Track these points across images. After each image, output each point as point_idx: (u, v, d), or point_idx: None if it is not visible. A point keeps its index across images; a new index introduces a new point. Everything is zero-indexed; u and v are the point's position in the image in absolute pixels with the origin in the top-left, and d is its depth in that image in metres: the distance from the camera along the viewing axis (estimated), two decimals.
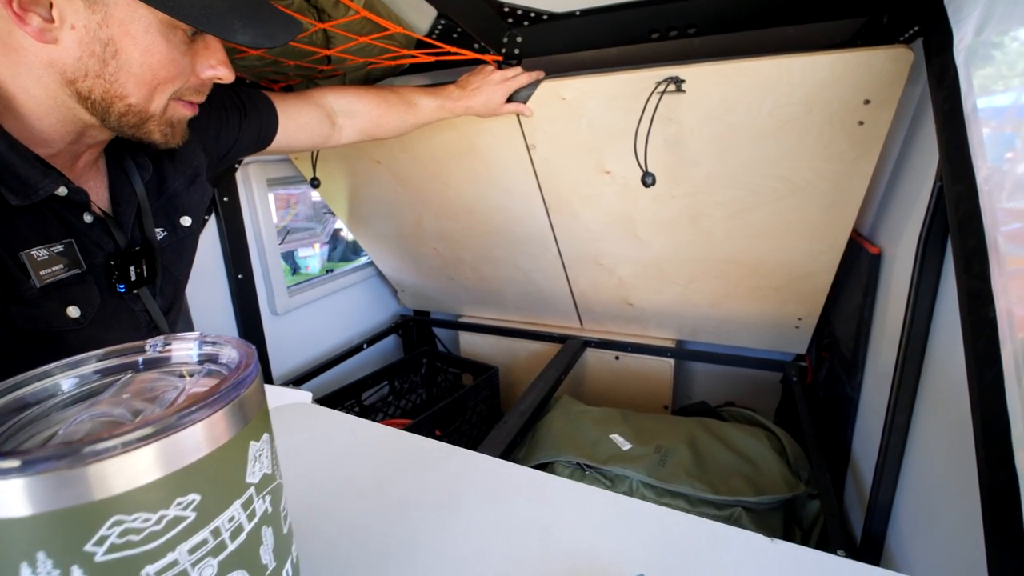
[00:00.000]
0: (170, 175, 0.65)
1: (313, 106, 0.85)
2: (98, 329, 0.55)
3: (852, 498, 0.99)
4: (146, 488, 0.16)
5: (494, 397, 1.57)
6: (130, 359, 0.21)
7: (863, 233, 1.07)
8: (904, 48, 0.75)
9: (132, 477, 0.16)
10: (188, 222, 0.68)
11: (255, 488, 0.19)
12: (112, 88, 0.49)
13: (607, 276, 1.39)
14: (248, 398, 0.19)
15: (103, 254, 0.57)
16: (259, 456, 0.19)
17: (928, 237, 0.69)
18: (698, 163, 1.01)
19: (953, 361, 0.62)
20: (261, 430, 0.20)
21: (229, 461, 0.18)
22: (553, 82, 0.97)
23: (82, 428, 0.18)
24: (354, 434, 0.40)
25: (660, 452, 1.07)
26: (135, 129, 0.53)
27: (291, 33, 0.53)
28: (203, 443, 0.17)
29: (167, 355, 0.22)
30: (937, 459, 0.67)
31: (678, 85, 0.89)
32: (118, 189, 0.60)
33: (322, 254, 4.90)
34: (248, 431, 0.19)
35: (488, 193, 1.28)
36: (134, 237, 0.61)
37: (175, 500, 0.17)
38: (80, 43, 0.46)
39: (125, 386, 0.20)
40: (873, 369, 0.95)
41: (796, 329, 1.32)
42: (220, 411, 0.18)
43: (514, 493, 0.32)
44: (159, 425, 0.16)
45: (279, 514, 0.21)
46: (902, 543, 0.76)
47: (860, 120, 0.85)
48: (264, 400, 0.21)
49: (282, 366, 1.48)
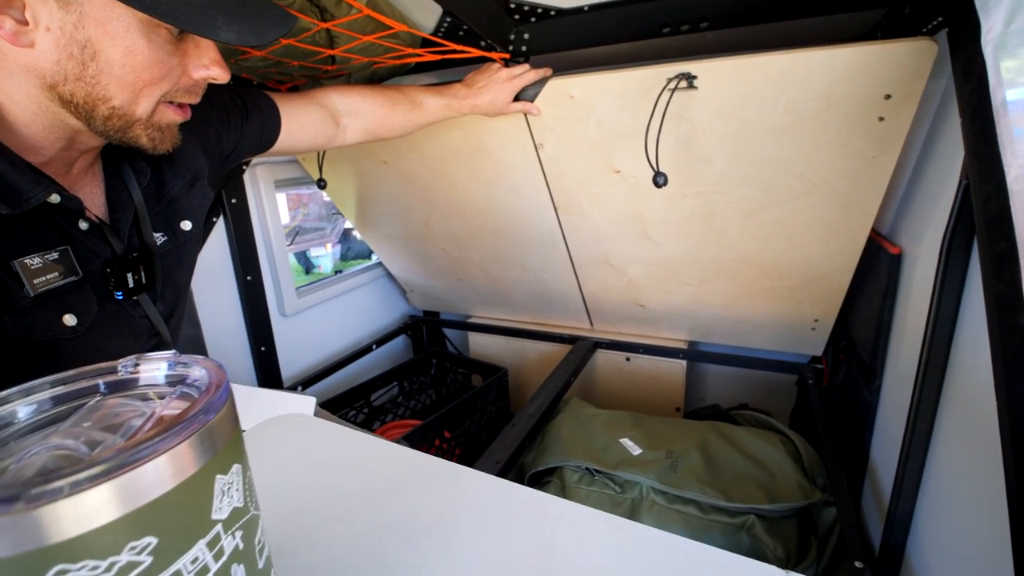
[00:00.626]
0: (169, 179, 0.65)
1: (317, 106, 0.84)
2: (97, 337, 0.55)
3: (870, 506, 0.96)
4: (95, 533, 0.14)
5: (503, 398, 1.56)
6: (92, 382, 0.20)
7: (883, 233, 1.04)
8: (927, 40, 0.72)
9: (79, 521, 0.14)
10: (189, 226, 0.67)
11: (223, 525, 0.18)
12: (94, 91, 0.47)
13: (617, 277, 1.37)
14: (216, 426, 0.18)
15: (100, 261, 0.56)
16: (228, 490, 0.18)
17: (953, 238, 0.66)
18: (711, 161, 0.98)
19: (979, 369, 0.60)
20: (231, 460, 0.19)
21: (192, 498, 0.17)
22: (561, 80, 0.95)
23: (34, 463, 0.16)
24: (349, 448, 0.39)
25: (671, 457, 1.04)
26: (121, 133, 0.51)
27: (281, 29, 0.51)
28: (162, 480, 0.16)
29: (135, 377, 0.21)
30: (962, 470, 0.64)
31: (690, 81, 0.87)
32: (115, 195, 0.59)
33: (334, 254, 4.94)
34: (215, 463, 0.18)
35: (496, 193, 1.27)
36: (132, 243, 0.60)
37: (127, 544, 0.15)
38: (57, 45, 0.45)
39: (90, 412, 0.19)
40: (893, 373, 0.92)
41: (812, 331, 1.29)
42: (183, 443, 0.16)
43: (511, 515, 0.31)
44: (113, 462, 0.15)
45: (253, 548, 0.20)
46: (923, 555, 0.73)
47: (880, 116, 0.81)
48: (235, 425, 0.20)
49: (291, 368, 1.49)
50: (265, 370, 1.38)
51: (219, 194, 1.21)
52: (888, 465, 0.86)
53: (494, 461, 0.98)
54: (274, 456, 0.37)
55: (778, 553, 0.87)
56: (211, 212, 1.20)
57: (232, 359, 1.31)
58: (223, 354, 1.26)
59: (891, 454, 0.84)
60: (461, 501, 0.32)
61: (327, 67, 0.93)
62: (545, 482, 1.11)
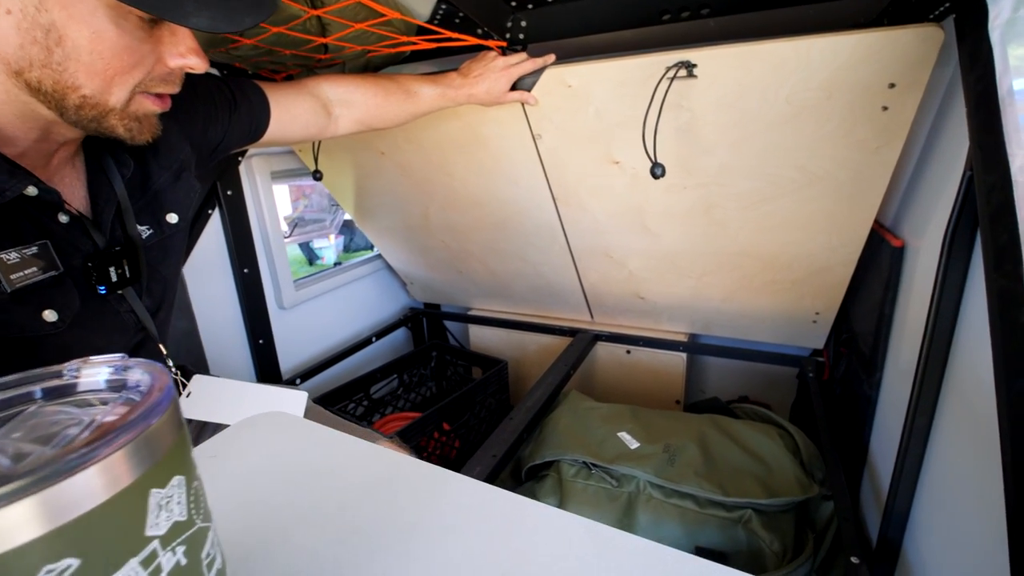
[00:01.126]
0: (154, 172, 0.63)
1: (308, 96, 0.83)
2: (79, 332, 0.54)
3: (868, 500, 0.95)
4: (6, 556, 0.14)
5: (503, 391, 1.56)
6: (30, 388, 0.19)
7: (886, 225, 1.02)
8: (934, 27, 0.70)
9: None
10: (175, 219, 0.66)
11: (160, 541, 0.17)
12: (62, 79, 0.46)
13: (617, 269, 1.36)
14: (155, 434, 0.17)
15: (81, 255, 0.55)
16: (166, 503, 0.17)
17: (955, 231, 0.64)
18: (711, 152, 0.97)
19: (980, 365, 0.58)
20: (171, 471, 0.18)
21: (122, 513, 0.16)
22: (558, 69, 0.94)
23: None
24: (328, 449, 0.38)
25: (669, 451, 1.04)
26: (96, 123, 0.50)
27: (257, 16, 0.49)
28: (89, 495, 0.14)
29: (75, 382, 0.20)
30: (960, 467, 0.63)
31: (689, 70, 0.85)
32: (96, 188, 0.58)
33: (337, 245, 4.94)
34: (151, 475, 0.17)
35: (494, 185, 1.25)
36: (115, 237, 0.59)
37: (43, 567, 0.14)
38: (19, 29, 0.43)
39: (24, 421, 0.18)
40: (893, 367, 0.91)
41: (814, 324, 1.28)
42: (115, 454, 0.15)
43: (487, 519, 0.30)
44: (33, 477, 0.14)
45: (199, 563, 0.19)
46: (919, 551, 0.72)
47: (884, 105, 0.79)
48: (178, 432, 0.19)
49: (290, 360, 1.49)
50: (263, 363, 1.38)
51: (214, 186, 1.20)
52: (887, 459, 0.85)
53: (491, 455, 0.98)
54: (250, 457, 0.37)
55: (774, 547, 0.87)
56: (206, 204, 1.19)
57: (229, 352, 1.31)
58: (220, 347, 1.26)
59: (890, 448, 0.83)
60: (437, 505, 0.31)
61: (320, 56, 0.92)
62: (542, 476, 1.11)
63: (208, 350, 1.18)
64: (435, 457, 1.32)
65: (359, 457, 0.36)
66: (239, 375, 1.35)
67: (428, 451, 1.30)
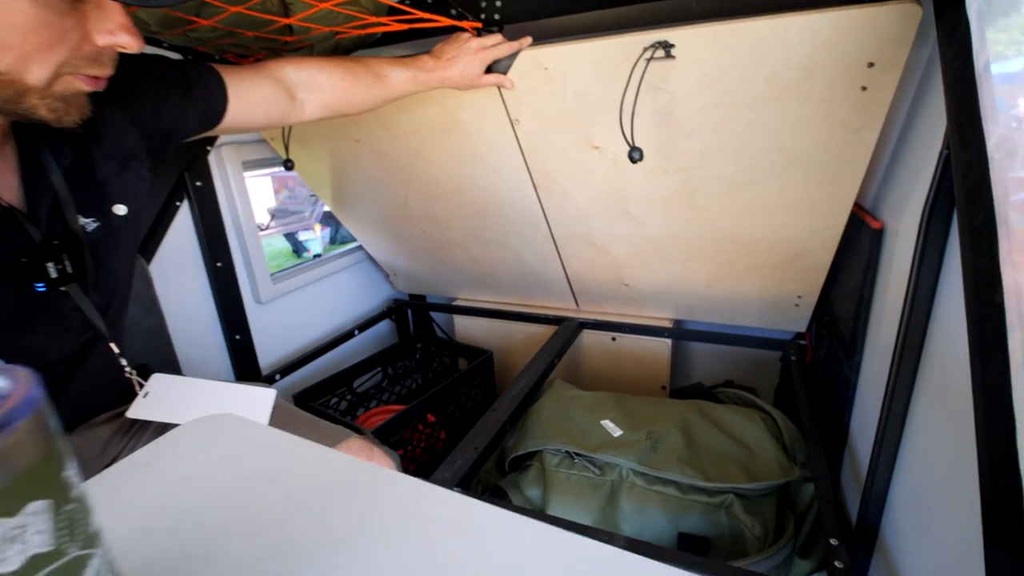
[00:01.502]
0: (98, 160, 0.60)
1: (269, 79, 0.79)
2: (15, 333, 0.51)
3: (849, 481, 0.96)
4: None
5: (489, 381, 1.55)
6: None
7: (865, 207, 1.01)
8: (912, 3, 0.68)
9: None
10: (123, 211, 0.62)
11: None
12: None
13: (601, 256, 1.35)
14: (9, 450, 0.15)
15: (14, 250, 0.52)
16: (21, 534, 0.15)
17: (933, 211, 0.63)
18: (691, 135, 0.95)
19: (956, 347, 0.58)
20: (31, 493, 0.16)
21: None
22: (533, 50, 0.91)
23: None
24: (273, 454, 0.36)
25: (652, 438, 1.04)
26: (13, 104, 0.46)
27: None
28: None
29: None
30: (936, 450, 0.63)
31: (667, 50, 0.83)
32: (30, 178, 0.54)
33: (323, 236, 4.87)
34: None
35: (474, 172, 1.23)
36: (55, 230, 0.56)
37: None
38: None
39: None
40: (872, 350, 0.91)
41: (796, 307, 1.28)
42: None
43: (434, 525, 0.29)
44: None
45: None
46: (897, 532, 0.73)
47: (863, 85, 0.78)
48: (46, 447, 0.17)
49: (269, 356, 1.46)
50: (241, 360, 1.35)
51: (181, 176, 1.15)
52: (866, 441, 0.85)
53: (473, 447, 0.97)
54: (186, 465, 0.35)
55: (755, 531, 0.87)
56: (173, 196, 1.15)
57: (204, 349, 1.28)
58: (193, 344, 1.23)
59: (869, 430, 0.83)
60: (381, 512, 0.29)
61: (286, 38, 0.88)
62: (526, 466, 1.10)
63: (180, 348, 1.15)
64: (420, 450, 1.30)
65: (303, 462, 0.34)
66: (215, 373, 1.32)
67: (413, 444, 1.28)
